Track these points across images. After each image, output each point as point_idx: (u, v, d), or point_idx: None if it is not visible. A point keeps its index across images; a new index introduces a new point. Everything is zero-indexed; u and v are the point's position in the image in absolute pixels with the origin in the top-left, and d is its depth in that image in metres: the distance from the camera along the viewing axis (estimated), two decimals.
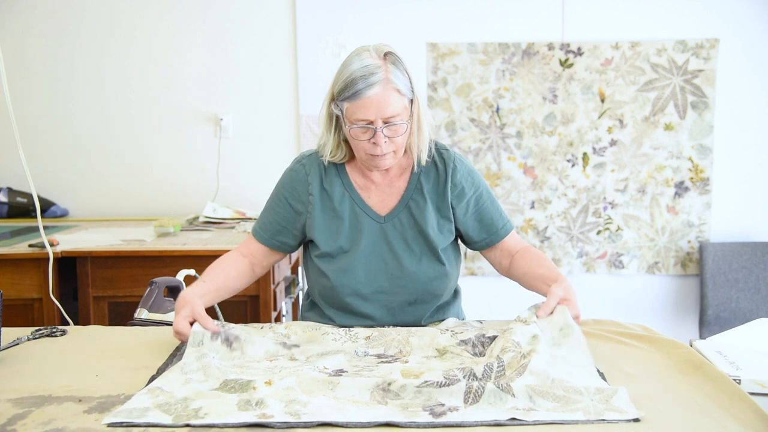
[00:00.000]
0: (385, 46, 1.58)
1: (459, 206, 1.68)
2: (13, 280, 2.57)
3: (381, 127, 1.54)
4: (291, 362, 1.40)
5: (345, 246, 1.66)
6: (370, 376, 1.30)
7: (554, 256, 3.49)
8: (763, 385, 1.33)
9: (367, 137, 1.56)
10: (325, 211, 1.67)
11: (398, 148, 1.59)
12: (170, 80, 3.48)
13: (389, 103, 1.53)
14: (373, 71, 1.52)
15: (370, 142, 1.56)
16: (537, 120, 3.44)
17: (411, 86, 1.58)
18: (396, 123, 1.55)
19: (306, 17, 3.41)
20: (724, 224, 3.50)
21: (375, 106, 1.52)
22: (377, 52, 1.56)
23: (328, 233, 1.67)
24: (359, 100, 1.52)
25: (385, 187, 1.68)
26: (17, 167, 2.43)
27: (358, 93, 1.52)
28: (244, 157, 3.48)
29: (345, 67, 1.56)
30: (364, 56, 1.55)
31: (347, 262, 1.65)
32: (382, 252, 1.65)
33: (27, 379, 1.33)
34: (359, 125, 1.55)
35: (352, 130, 1.56)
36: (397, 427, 1.10)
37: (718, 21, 3.39)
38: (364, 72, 1.52)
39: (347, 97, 1.53)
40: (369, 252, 1.65)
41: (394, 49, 1.59)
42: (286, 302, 3.02)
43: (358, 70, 1.52)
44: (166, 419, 1.12)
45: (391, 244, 1.65)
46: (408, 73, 1.58)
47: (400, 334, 1.52)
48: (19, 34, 3.44)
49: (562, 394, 1.17)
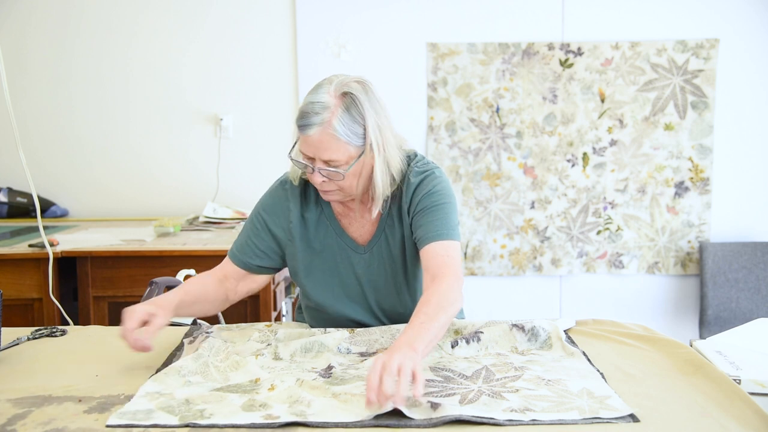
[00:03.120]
0: (355, 83, 1.47)
1: (412, 213, 1.58)
2: (13, 280, 2.57)
3: (318, 167, 1.47)
4: (276, 362, 1.41)
5: (324, 277, 1.63)
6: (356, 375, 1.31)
7: (554, 256, 3.49)
8: (763, 385, 1.33)
9: (308, 171, 1.51)
10: (305, 244, 1.63)
11: (343, 189, 1.51)
12: (170, 80, 3.48)
13: (327, 148, 1.45)
14: (318, 111, 1.44)
15: (311, 177, 1.51)
16: (537, 120, 3.44)
17: (364, 134, 1.46)
18: (334, 169, 1.47)
19: (306, 17, 3.41)
20: (724, 224, 3.50)
21: (313, 146, 1.46)
22: (337, 89, 1.46)
23: (310, 269, 1.63)
24: (302, 134, 1.47)
25: (365, 212, 1.62)
26: (17, 167, 2.43)
27: (301, 128, 1.46)
28: (244, 157, 3.48)
29: (307, 93, 1.50)
30: (321, 89, 1.47)
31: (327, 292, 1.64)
32: (361, 282, 1.63)
33: (27, 379, 1.33)
34: (301, 158, 1.50)
35: (295, 160, 1.52)
36: (398, 427, 1.10)
37: (718, 21, 3.39)
38: (308, 109, 1.45)
39: (298, 127, 1.48)
40: (349, 281, 1.63)
41: (367, 85, 1.49)
42: (286, 302, 3.02)
43: (307, 104, 1.46)
44: (172, 420, 1.12)
45: (372, 274, 1.62)
46: (364, 119, 1.45)
47: (383, 337, 1.53)
48: (19, 34, 3.44)
49: (555, 398, 1.19)
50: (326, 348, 1.47)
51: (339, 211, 1.64)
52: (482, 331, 1.50)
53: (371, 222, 1.63)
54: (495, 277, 3.53)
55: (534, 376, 1.30)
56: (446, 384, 1.27)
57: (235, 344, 1.50)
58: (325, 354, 1.45)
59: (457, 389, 1.25)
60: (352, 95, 1.46)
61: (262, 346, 1.50)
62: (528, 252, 3.50)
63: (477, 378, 1.30)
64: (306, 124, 1.45)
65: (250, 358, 1.40)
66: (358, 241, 1.63)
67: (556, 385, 1.25)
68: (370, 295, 1.64)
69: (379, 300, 1.64)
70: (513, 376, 1.31)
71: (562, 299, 3.55)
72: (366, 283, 1.63)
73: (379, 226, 1.62)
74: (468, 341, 1.48)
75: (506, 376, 1.31)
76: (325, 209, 1.63)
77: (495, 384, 1.27)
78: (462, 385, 1.27)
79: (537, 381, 1.27)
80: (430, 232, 1.50)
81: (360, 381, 1.29)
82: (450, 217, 1.54)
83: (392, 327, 1.57)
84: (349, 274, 1.63)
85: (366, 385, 1.14)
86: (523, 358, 1.42)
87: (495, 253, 3.50)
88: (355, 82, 1.48)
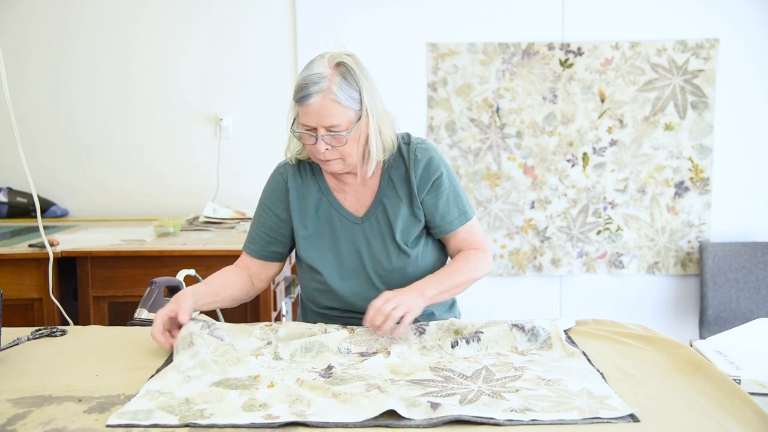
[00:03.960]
0: (345, 56, 1.59)
1: (423, 195, 1.68)
2: (13, 280, 2.57)
3: (322, 135, 1.57)
4: (276, 362, 1.41)
5: (325, 252, 1.70)
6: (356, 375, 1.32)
7: (554, 256, 3.49)
8: (763, 385, 1.33)
9: (311, 142, 1.59)
10: (304, 219, 1.71)
11: (345, 156, 1.61)
12: (170, 80, 3.48)
13: (329, 113, 1.55)
14: (316, 81, 1.54)
15: (315, 147, 1.59)
16: (537, 120, 3.44)
17: (360, 99, 1.58)
18: (337, 133, 1.57)
19: (306, 17, 3.41)
20: (724, 224, 3.50)
21: (315, 114, 1.55)
22: (330, 60, 1.58)
23: (309, 241, 1.71)
24: (302, 106, 1.56)
25: (359, 186, 1.71)
26: (17, 167, 2.43)
27: (302, 99, 1.56)
28: (244, 157, 3.48)
29: (301, 71, 1.60)
30: (315, 63, 1.58)
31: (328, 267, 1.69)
32: (361, 253, 1.69)
33: (27, 379, 1.33)
34: (303, 130, 1.59)
35: (297, 133, 1.62)
36: (398, 427, 1.10)
37: (718, 21, 3.39)
38: (307, 80, 1.55)
39: (296, 101, 1.58)
40: (348, 254, 1.69)
41: (357, 58, 1.61)
42: (286, 302, 3.02)
43: (305, 77, 1.56)
44: (172, 420, 1.12)
45: (371, 245, 1.69)
46: (359, 86, 1.58)
47: (383, 337, 1.53)
48: (19, 33, 3.44)
49: (555, 398, 1.19)
50: (326, 348, 1.47)
51: (334, 186, 1.72)
52: (482, 331, 1.50)
53: (366, 194, 1.71)
54: (495, 277, 3.53)
55: (534, 376, 1.30)
56: (446, 384, 1.27)
57: (234, 342, 1.50)
58: (325, 354, 1.45)
59: (457, 389, 1.25)
60: (346, 65, 1.58)
61: (263, 343, 1.50)
62: (528, 252, 3.50)
63: (477, 378, 1.30)
64: (307, 94, 1.55)
65: (250, 357, 1.40)
66: (355, 214, 1.70)
67: (556, 385, 1.25)
68: (369, 264, 1.68)
69: (378, 269, 1.68)
70: (513, 376, 1.31)
71: (562, 299, 3.55)
72: (365, 252, 1.68)
73: (376, 198, 1.70)
74: (468, 341, 1.48)
75: (506, 376, 1.31)
76: (321, 185, 1.72)
77: (495, 384, 1.27)
78: (462, 385, 1.27)
79: (537, 381, 1.27)
80: (448, 219, 1.69)
81: (360, 381, 1.29)
82: (461, 197, 1.71)
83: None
84: (347, 245, 1.69)
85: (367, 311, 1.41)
86: (523, 358, 1.42)
87: (495, 253, 3.50)
88: (345, 55, 1.60)
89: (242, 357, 1.39)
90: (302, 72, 1.59)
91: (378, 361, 1.39)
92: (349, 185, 1.71)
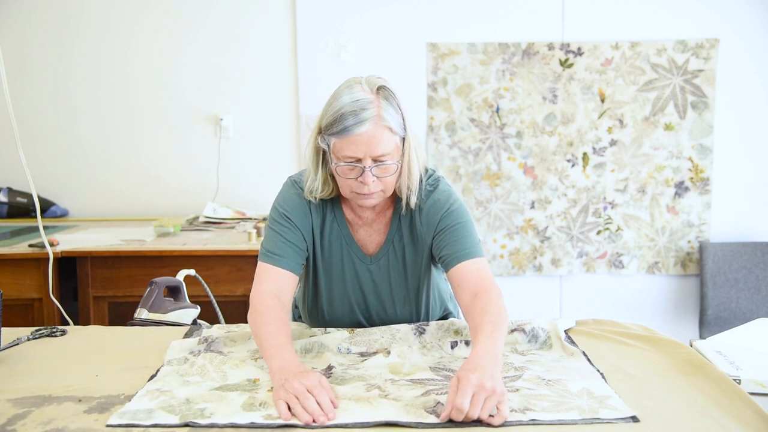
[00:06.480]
0: (379, 79, 1.48)
1: (429, 235, 1.57)
2: (13, 280, 2.57)
3: (370, 166, 1.44)
4: None
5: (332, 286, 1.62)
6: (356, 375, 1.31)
7: (554, 256, 3.49)
8: (763, 385, 1.33)
9: (354, 175, 1.46)
10: (318, 247, 1.60)
11: (387, 188, 1.50)
12: (170, 80, 3.48)
13: (380, 141, 1.42)
14: (365, 107, 1.42)
15: (357, 181, 1.46)
16: (537, 120, 3.44)
17: (403, 123, 1.48)
18: (386, 163, 1.45)
19: (306, 17, 3.41)
20: (724, 224, 3.50)
21: (365, 143, 1.42)
22: (369, 85, 1.46)
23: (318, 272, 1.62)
24: (348, 136, 1.42)
25: (372, 222, 1.61)
26: (17, 167, 2.43)
27: (348, 129, 1.41)
28: (244, 157, 3.48)
29: (334, 99, 1.45)
30: (355, 89, 1.44)
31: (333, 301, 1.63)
32: (366, 293, 1.62)
33: (27, 379, 1.33)
34: (346, 162, 1.45)
35: (338, 167, 1.46)
36: (398, 426, 1.10)
37: (718, 21, 3.39)
38: (354, 107, 1.41)
39: (335, 133, 1.43)
40: (354, 292, 1.62)
41: (388, 82, 1.49)
42: None
43: (348, 104, 1.42)
44: (172, 419, 1.12)
45: (377, 286, 1.61)
46: (401, 109, 1.47)
47: (383, 337, 1.53)
48: (19, 34, 3.44)
49: (555, 398, 1.19)
50: (326, 348, 1.47)
51: (350, 219, 1.61)
52: None
53: (379, 231, 1.61)
54: (495, 277, 3.53)
55: (534, 376, 1.30)
56: (446, 383, 1.27)
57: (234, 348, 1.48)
58: (326, 354, 1.45)
59: None
60: (387, 88, 1.47)
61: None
62: (528, 252, 3.50)
63: None
64: (357, 122, 1.41)
65: (249, 361, 1.40)
66: (366, 250, 1.61)
67: (556, 385, 1.25)
68: (372, 303, 1.63)
69: (379, 310, 1.64)
70: (513, 376, 1.31)
71: (562, 299, 3.55)
72: (369, 292, 1.62)
73: (387, 237, 1.60)
74: (468, 342, 1.48)
75: (506, 376, 1.31)
76: (337, 215, 1.61)
77: None
78: None
79: (537, 381, 1.28)
80: (459, 251, 1.51)
81: (360, 381, 1.29)
82: (473, 234, 1.55)
83: (392, 327, 1.57)
84: (353, 282, 1.62)
85: (448, 400, 1.11)
86: (523, 358, 1.42)
87: (495, 253, 3.50)
88: (377, 78, 1.49)
89: (241, 361, 1.39)
90: (338, 100, 1.44)
91: (378, 361, 1.39)
92: (364, 219, 1.61)
